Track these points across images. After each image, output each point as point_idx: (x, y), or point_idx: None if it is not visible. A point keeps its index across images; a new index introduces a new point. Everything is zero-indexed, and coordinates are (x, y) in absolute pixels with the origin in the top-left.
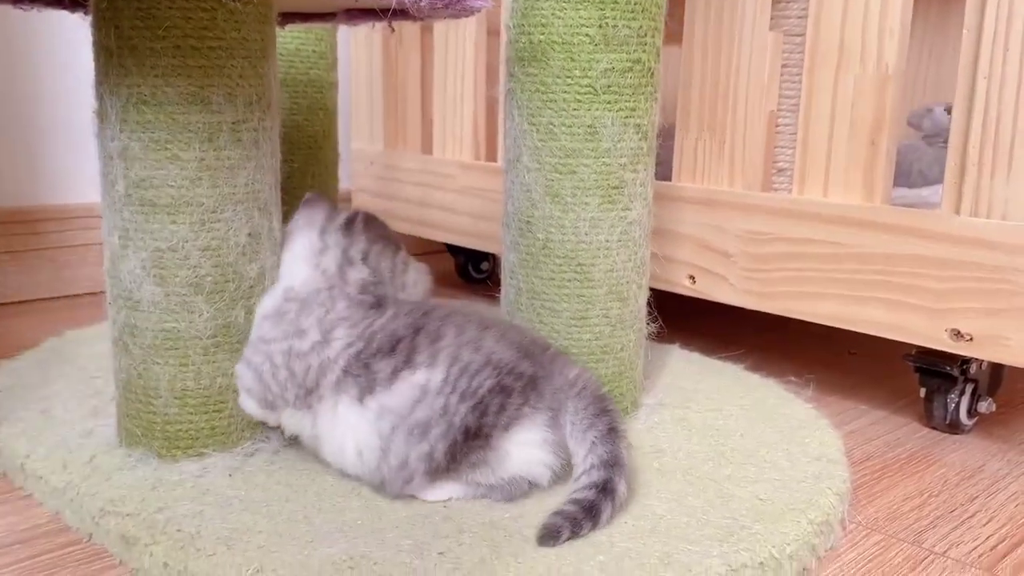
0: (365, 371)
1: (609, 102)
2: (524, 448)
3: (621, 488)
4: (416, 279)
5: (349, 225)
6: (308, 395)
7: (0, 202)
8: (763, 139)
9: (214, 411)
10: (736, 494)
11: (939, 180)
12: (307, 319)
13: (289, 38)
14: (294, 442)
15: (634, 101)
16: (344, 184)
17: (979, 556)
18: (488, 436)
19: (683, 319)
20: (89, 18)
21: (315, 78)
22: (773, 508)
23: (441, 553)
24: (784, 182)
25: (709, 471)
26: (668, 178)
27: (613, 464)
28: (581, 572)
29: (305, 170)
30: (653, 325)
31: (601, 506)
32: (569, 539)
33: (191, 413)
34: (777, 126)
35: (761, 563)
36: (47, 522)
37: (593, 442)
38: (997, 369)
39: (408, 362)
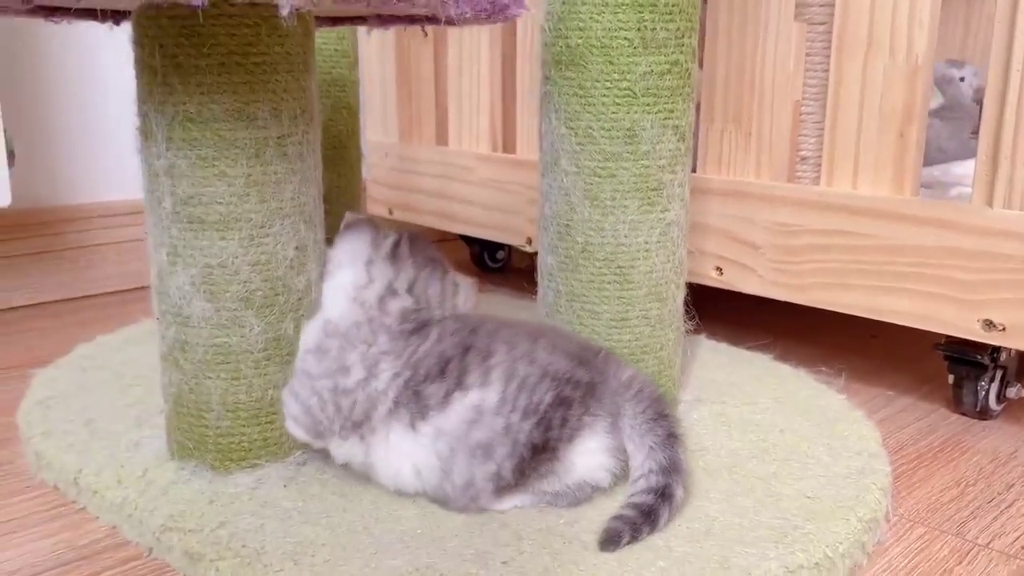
0: (416, 398)
1: (648, 105)
2: (588, 456)
3: (679, 493)
4: (465, 298)
5: (395, 253)
6: (357, 427)
7: (19, 204)
8: (789, 130)
9: (266, 423)
10: (784, 492)
11: (958, 156)
12: (350, 355)
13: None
14: None
15: (672, 103)
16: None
17: (1023, 547)
18: (555, 449)
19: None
20: (118, 28)
21: (338, 77)
22: (822, 506)
23: (505, 562)
24: (807, 170)
25: (754, 468)
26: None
27: (672, 470)
28: None
29: (331, 169)
30: (690, 323)
31: (659, 511)
32: (629, 543)
33: (243, 425)
34: (801, 115)
35: (816, 563)
36: (105, 536)
37: (652, 447)
38: None
39: (460, 384)
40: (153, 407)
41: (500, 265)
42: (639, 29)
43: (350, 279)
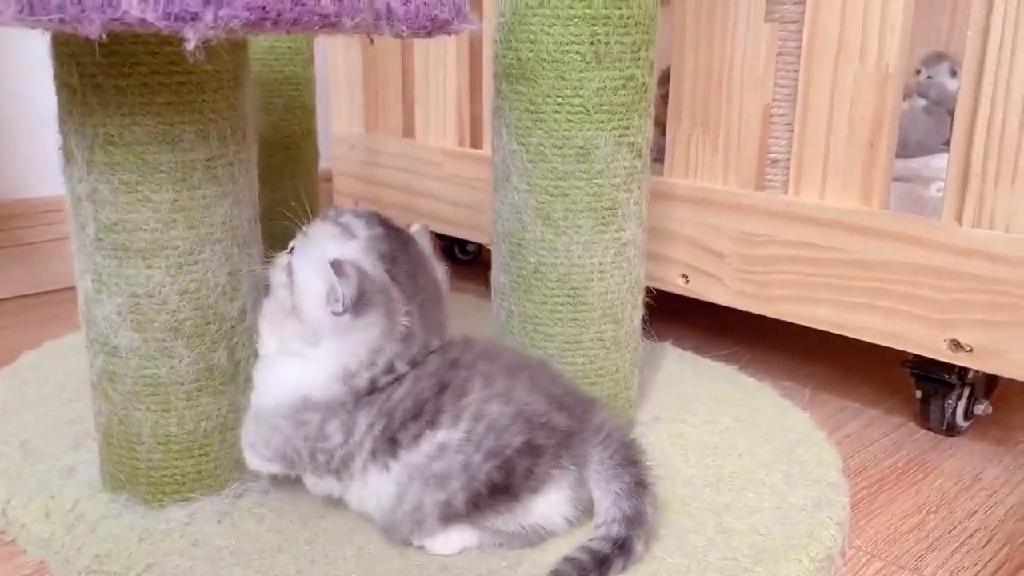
0: (390, 444)
1: (602, 122)
2: (548, 505)
3: (638, 548)
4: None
5: (408, 333)
6: (336, 473)
7: None
8: (758, 134)
9: (200, 455)
10: (736, 528)
11: (936, 150)
12: (331, 426)
13: (263, 35)
14: (282, 482)
15: (628, 119)
16: (325, 165)
17: None
18: (515, 494)
19: (673, 313)
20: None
21: (291, 75)
22: (774, 545)
23: None
24: (778, 174)
25: (708, 500)
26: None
27: (635, 522)
28: None
29: (283, 171)
30: (651, 340)
31: (613, 562)
32: None
33: (175, 458)
34: (771, 118)
35: None
36: (33, 572)
37: (618, 494)
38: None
39: (432, 423)
40: (93, 424)
41: (470, 258)
42: (592, 43)
43: (344, 363)
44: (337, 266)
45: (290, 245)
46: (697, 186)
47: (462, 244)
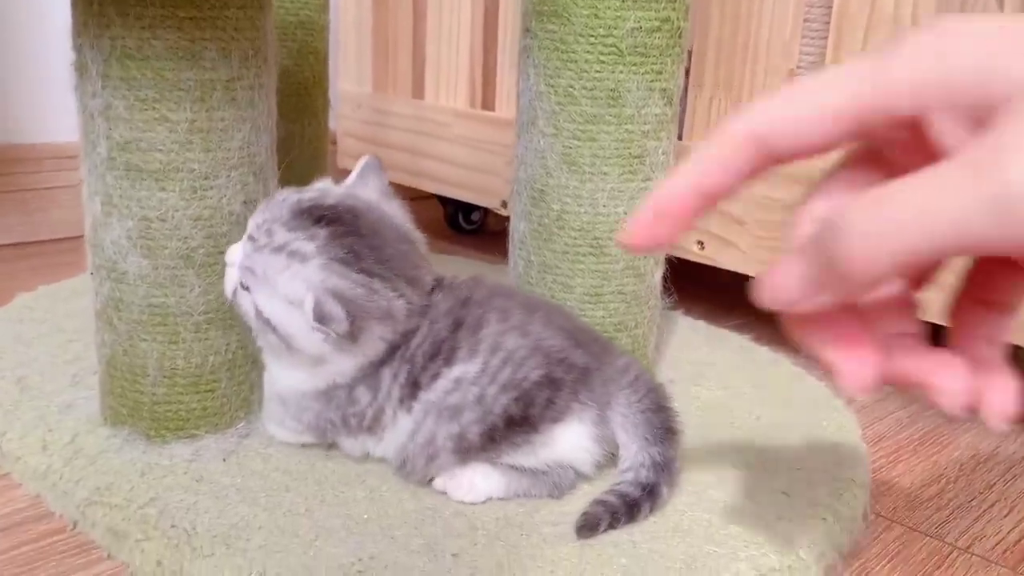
0: (413, 388)
1: (635, 64)
2: (571, 437)
3: (665, 494)
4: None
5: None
6: (370, 430)
7: None
8: None
9: (206, 391)
10: (758, 486)
11: None
12: (358, 391)
13: None
14: None
15: (661, 63)
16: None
17: (1003, 552)
18: (534, 424)
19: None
20: None
21: (305, 19)
22: (797, 503)
23: (455, 555)
24: None
25: (728, 459)
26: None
27: (664, 468)
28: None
29: (294, 118)
30: (668, 300)
31: (642, 505)
32: (605, 531)
33: (181, 393)
34: None
35: (789, 566)
36: (28, 506)
37: (646, 439)
38: (1015, 349)
39: (448, 360)
40: (93, 365)
41: (475, 227)
42: None
43: (363, 359)
44: (317, 312)
45: (234, 279)
46: None
47: (466, 213)
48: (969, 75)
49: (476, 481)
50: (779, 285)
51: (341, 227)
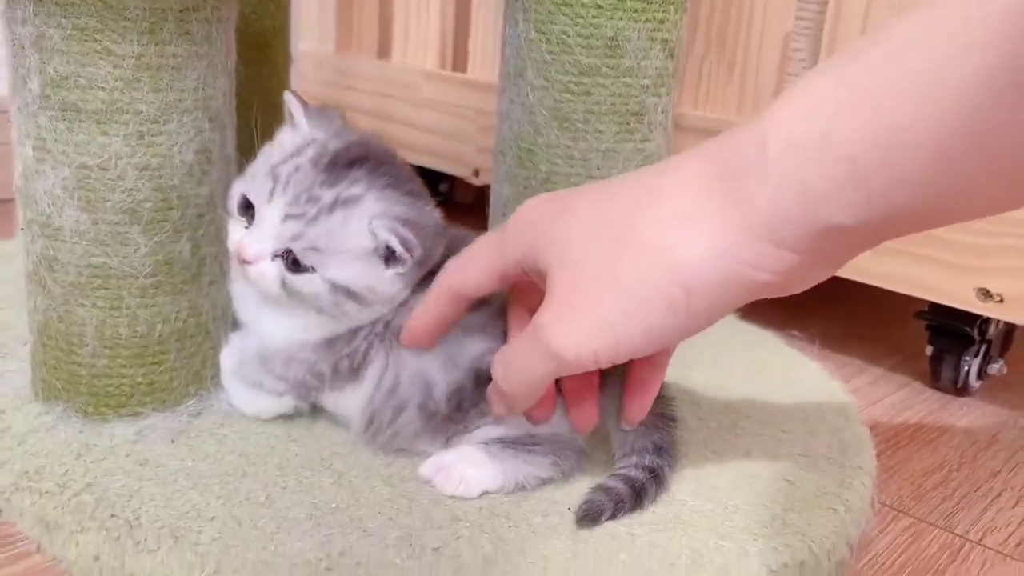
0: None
1: (635, 11)
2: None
3: (668, 478)
4: None
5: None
6: (356, 371)
7: None
8: (777, 64)
9: (152, 363)
10: (760, 473)
11: None
12: (360, 333)
13: None
14: None
15: (663, 11)
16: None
17: (1016, 545)
18: None
19: None
20: None
21: None
22: (803, 492)
23: (436, 549)
24: None
25: (725, 444)
26: None
27: (666, 452)
28: (601, 573)
29: (252, 72)
30: None
31: (647, 491)
32: (608, 520)
33: (124, 365)
34: (790, 52)
35: (802, 562)
36: None
37: (647, 425)
38: (1011, 330)
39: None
40: (23, 334)
41: (442, 199)
42: None
43: (397, 294)
44: (402, 238)
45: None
46: (709, 117)
47: (434, 183)
48: (527, 255)
49: (468, 473)
50: (494, 409)
51: (372, 162)
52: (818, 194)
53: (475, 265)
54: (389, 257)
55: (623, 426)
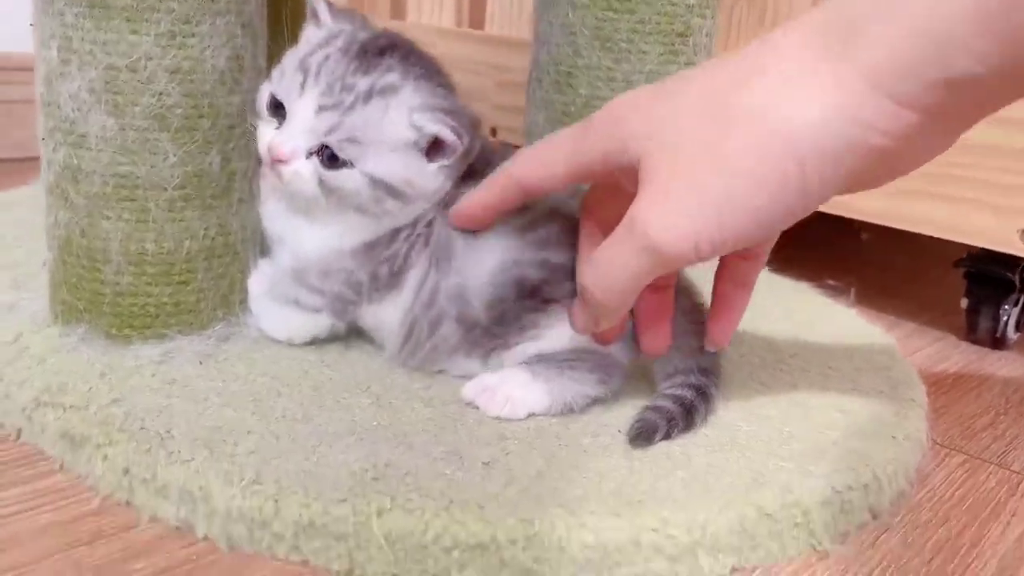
0: (430, 223)
1: None
2: None
3: (715, 397)
4: None
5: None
6: (397, 276)
7: None
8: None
9: (179, 282)
10: (812, 403)
11: None
12: (401, 234)
13: None
14: None
15: None
16: None
17: None
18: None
19: None
20: None
21: None
22: (858, 422)
23: (486, 463)
24: None
25: (772, 378)
26: None
27: (712, 372)
28: (658, 489)
29: None
30: None
31: (698, 408)
32: (661, 440)
33: (149, 284)
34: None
35: (865, 485)
36: None
37: (692, 347)
38: None
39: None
40: (35, 270)
41: None
42: None
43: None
44: (454, 128)
45: (308, 170)
46: None
47: None
48: (616, 149)
49: (514, 393)
50: (575, 323)
51: (402, 51)
52: (948, 38)
53: (549, 157)
54: (431, 149)
55: (708, 347)
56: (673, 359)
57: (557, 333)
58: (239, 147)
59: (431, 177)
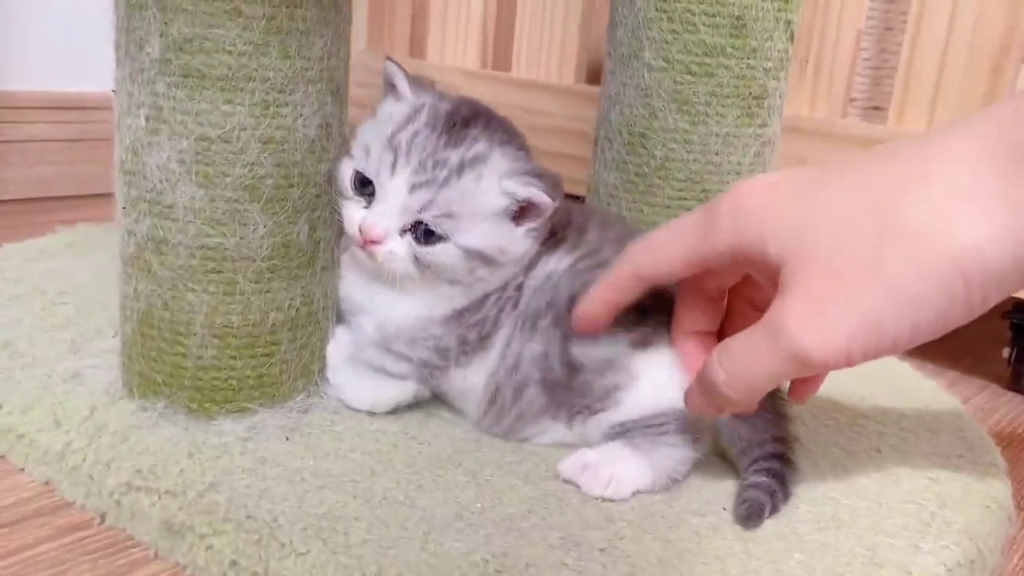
0: (518, 289)
1: None
2: (659, 369)
3: (795, 460)
4: None
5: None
6: (482, 343)
7: None
8: (849, 62)
9: (263, 355)
10: (899, 471)
11: None
12: (490, 299)
13: None
14: None
15: None
16: None
17: None
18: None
19: None
20: None
21: None
22: (950, 489)
23: (603, 550)
24: (855, 113)
25: (853, 444)
26: None
27: (786, 440)
28: (781, 574)
29: None
30: None
31: (788, 476)
32: (769, 515)
33: (233, 357)
34: (860, 49)
35: (972, 561)
36: (36, 495)
37: (766, 419)
38: None
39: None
40: (90, 331)
41: None
42: None
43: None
44: (546, 192)
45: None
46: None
47: None
48: (751, 243)
49: (618, 471)
50: (692, 405)
51: (484, 118)
52: None
53: (670, 248)
54: (519, 213)
55: (792, 399)
56: (742, 432)
57: (638, 399)
58: (324, 215)
59: (520, 241)
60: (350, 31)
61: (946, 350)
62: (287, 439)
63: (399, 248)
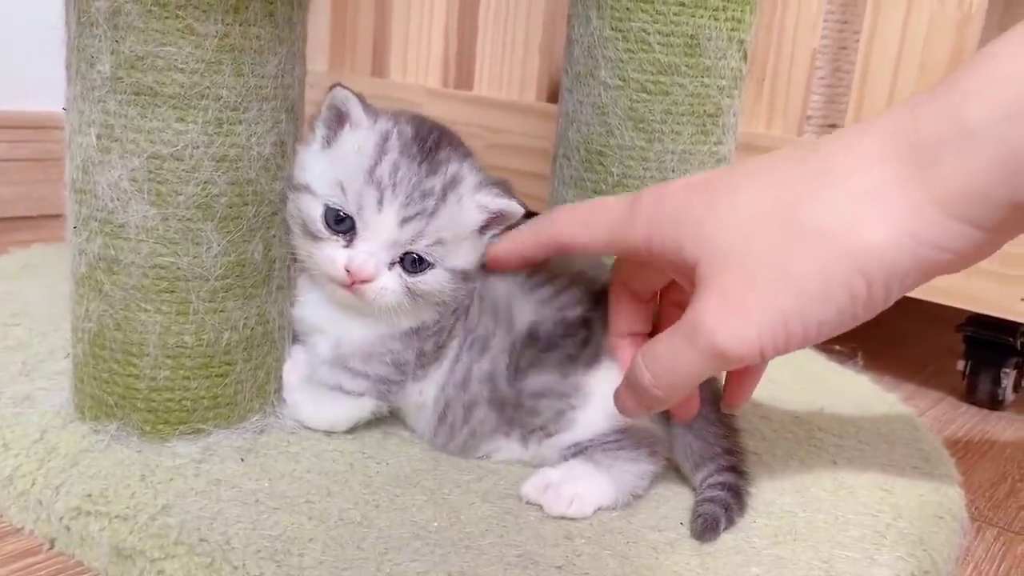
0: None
1: (715, 9)
2: (611, 384)
3: (749, 472)
4: None
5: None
6: (436, 354)
7: None
8: (805, 80)
9: (217, 376)
10: (854, 483)
11: None
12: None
13: None
14: None
15: (740, 12)
16: None
17: None
18: (574, 361)
19: None
20: None
21: None
22: (906, 502)
23: (560, 567)
24: (812, 131)
25: (811, 456)
26: None
27: (738, 452)
28: None
29: None
30: None
31: (742, 489)
32: (724, 529)
33: (187, 377)
34: (815, 67)
35: (926, 572)
36: None
37: (715, 434)
38: None
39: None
40: (43, 353)
41: None
42: None
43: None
44: (514, 197)
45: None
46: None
47: None
48: (668, 242)
49: (580, 490)
50: (622, 407)
51: (446, 135)
52: (1020, 167)
53: (593, 223)
54: (486, 225)
55: (724, 408)
56: (694, 447)
57: (592, 417)
58: (279, 234)
59: (483, 249)
60: (305, 49)
61: (904, 363)
62: (242, 460)
63: (391, 283)
